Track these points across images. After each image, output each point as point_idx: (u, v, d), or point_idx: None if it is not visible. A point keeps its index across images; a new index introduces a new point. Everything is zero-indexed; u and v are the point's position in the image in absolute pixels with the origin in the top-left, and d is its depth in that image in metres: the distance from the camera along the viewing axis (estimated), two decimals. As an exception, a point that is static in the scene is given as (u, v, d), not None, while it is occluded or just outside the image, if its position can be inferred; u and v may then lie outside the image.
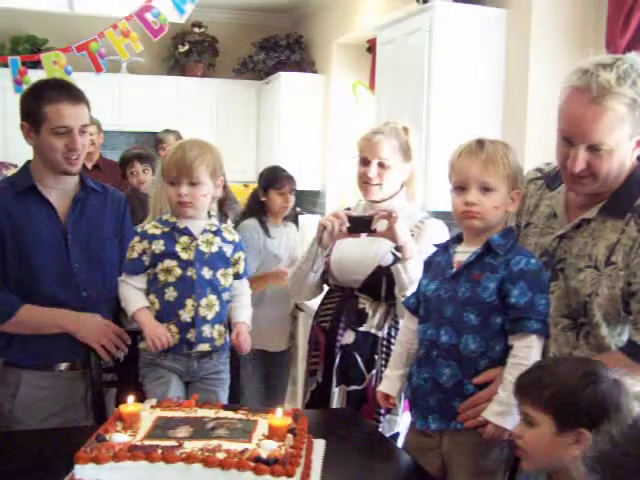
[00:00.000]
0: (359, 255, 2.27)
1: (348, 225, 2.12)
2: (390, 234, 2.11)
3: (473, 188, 1.68)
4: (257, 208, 3.52)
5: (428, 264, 1.84)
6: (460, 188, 1.71)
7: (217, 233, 2.09)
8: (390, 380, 1.88)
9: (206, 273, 2.04)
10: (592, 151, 1.60)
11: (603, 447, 1.12)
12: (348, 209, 2.36)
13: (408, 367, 1.84)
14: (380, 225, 2.12)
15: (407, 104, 3.45)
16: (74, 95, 2.11)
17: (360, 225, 2.13)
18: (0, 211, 2.11)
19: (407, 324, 1.89)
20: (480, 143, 1.70)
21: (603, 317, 1.63)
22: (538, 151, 2.89)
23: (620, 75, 1.56)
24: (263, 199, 3.49)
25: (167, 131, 4.52)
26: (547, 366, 1.41)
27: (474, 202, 1.67)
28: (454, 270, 1.72)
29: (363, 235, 2.16)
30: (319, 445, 1.64)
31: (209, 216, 2.12)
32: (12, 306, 2.09)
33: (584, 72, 1.58)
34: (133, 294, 2.05)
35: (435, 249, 1.85)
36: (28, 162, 2.21)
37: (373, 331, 2.26)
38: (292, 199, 3.52)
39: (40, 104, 2.08)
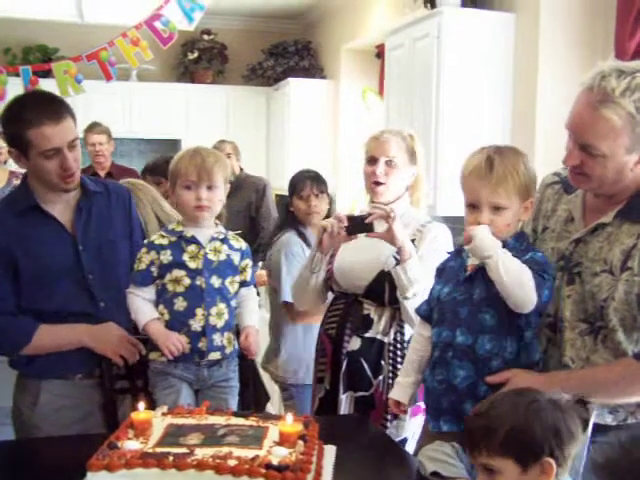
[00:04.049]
0: (361, 260, 2.26)
1: (346, 225, 2.13)
2: (388, 235, 2.11)
3: (485, 209, 1.68)
4: (290, 219, 3.09)
5: (441, 270, 1.84)
6: (472, 206, 1.71)
7: (224, 241, 2.08)
8: (402, 387, 1.88)
9: (215, 281, 2.03)
10: (585, 151, 1.59)
11: (612, 454, 1.11)
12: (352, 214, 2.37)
13: (420, 374, 1.85)
14: (379, 227, 2.12)
15: (416, 109, 3.46)
16: (54, 112, 1.98)
17: (358, 225, 2.13)
18: (5, 236, 2.05)
19: (420, 331, 1.89)
20: (489, 162, 1.68)
21: (620, 322, 1.60)
22: (547, 156, 2.88)
23: (630, 86, 1.51)
24: (291, 209, 3.08)
25: (223, 141, 4.54)
26: (487, 411, 1.33)
27: (486, 223, 1.68)
28: (468, 273, 1.73)
29: (361, 235, 2.15)
30: (330, 451, 1.64)
31: (215, 224, 2.12)
32: (28, 331, 2.06)
33: (598, 73, 1.55)
34: (143, 306, 2.04)
35: (446, 254, 1.85)
36: (26, 178, 2.13)
37: (379, 337, 2.25)
38: (319, 202, 3.06)
39: (22, 130, 1.96)
